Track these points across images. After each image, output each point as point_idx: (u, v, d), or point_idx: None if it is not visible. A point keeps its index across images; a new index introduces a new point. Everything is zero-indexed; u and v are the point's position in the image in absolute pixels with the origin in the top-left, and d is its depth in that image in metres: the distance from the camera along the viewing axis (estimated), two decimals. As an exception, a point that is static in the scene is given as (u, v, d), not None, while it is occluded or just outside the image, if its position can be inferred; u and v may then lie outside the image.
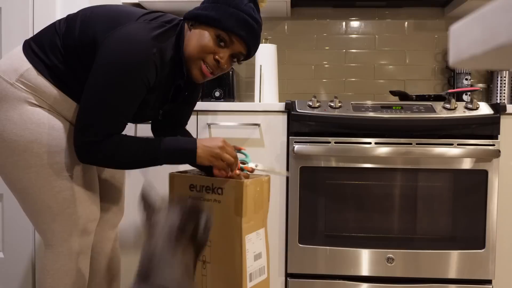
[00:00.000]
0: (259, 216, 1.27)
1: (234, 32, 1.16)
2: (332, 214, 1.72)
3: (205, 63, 1.19)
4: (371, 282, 1.71)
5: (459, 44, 0.43)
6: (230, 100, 2.12)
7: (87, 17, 1.16)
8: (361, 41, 2.38)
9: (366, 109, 1.72)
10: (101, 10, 1.18)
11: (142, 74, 1.10)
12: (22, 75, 1.12)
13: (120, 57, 1.09)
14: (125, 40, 1.09)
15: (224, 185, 1.24)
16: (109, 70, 1.09)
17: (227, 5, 1.16)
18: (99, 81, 1.09)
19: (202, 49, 1.17)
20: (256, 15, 1.19)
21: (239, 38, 1.17)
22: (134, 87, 1.11)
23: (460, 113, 1.69)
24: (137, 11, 1.20)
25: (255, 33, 1.20)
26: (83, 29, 1.14)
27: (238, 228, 1.21)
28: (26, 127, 1.12)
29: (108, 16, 1.15)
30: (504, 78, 2.13)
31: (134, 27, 1.12)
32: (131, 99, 1.12)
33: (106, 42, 1.10)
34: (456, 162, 1.67)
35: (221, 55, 1.18)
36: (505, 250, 1.72)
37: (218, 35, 1.16)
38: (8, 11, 1.80)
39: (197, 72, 1.20)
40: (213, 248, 1.27)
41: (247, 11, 1.17)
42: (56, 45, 1.14)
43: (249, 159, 1.27)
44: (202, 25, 1.17)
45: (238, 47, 1.19)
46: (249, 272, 1.23)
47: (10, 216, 1.84)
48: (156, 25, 1.16)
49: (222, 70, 1.22)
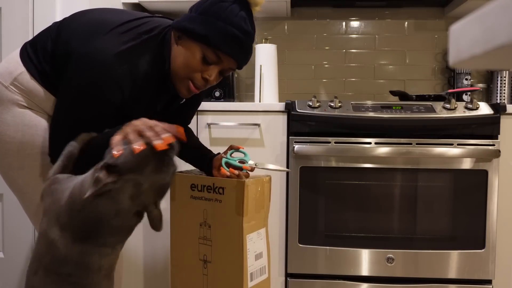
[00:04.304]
0: (260, 215, 1.27)
1: (222, 50, 1.09)
2: (332, 214, 1.72)
3: (192, 81, 1.13)
4: (371, 282, 1.71)
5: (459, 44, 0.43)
6: (230, 100, 2.12)
7: (69, 27, 1.14)
8: (361, 41, 2.38)
9: (366, 109, 1.73)
10: (80, 21, 1.14)
11: (103, 95, 1.06)
12: (16, 78, 1.14)
13: (81, 78, 1.05)
14: (87, 60, 1.05)
15: (225, 185, 1.24)
16: (71, 92, 1.07)
17: (216, 19, 1.08)
18: (64, 101, 1.08)
19: (189, 68, 1.11)
20: (247, 26, 1.12)
21: (227, 55, 1.11)
22: (96, 108, 1.07)
23: (460, 113, 1.69)
24: (115, 20, 1.12)
25: (245, 47, 1.13)
26: (64, 39, 1.12)
27: (239, 228, 1.21)
28: (18, 129, 1.14)
29: (82, 28, 1.11)
30: (504, 78, 2.13)
31: (99, 44, 1.06)
32: (95, 119, 1.08)
33: (72, 60, 1.07)
34: (456, 162, 1.68)
35: (209, 73, 1.13)
36: (505, 250, 1.72)
37: (206, 53, 1.10)
38: (8, 11, 1.80)
39: (184, 90, 1.15)
40: (214, 247, 1.27)
41: (237, 24, 1.09)
42: (47, 50, 1.14)
43: (248, 157, 1.27)
44: (189, 39, 1.10)
45: (227, 64, 1.13)
46: (250, 272, 1.23)
47: (10, 216, 1.84)
48: (129, 38, 1.08)
49: (211, 84, 1.17)
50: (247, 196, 1.20)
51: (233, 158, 1.27)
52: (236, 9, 1.10)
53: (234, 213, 1.22)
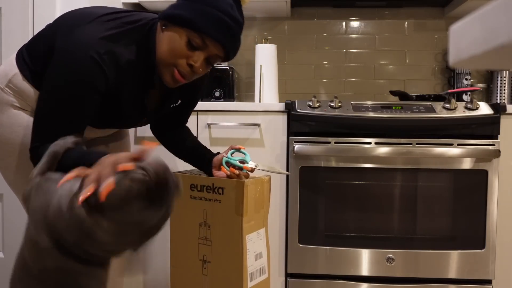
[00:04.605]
0: (259, 215, 1.27)
1: (207, 33, 1.06)
2: (332, 214, 1.72)
3: (177, 68, 1.09)
4: (371, 282, 1.71)
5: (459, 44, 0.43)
6: (230, 100, 2.12)
7: (56, 24, 1.14)
8: (361, 41, 2.38)
9: (366, 109, 1.72)
10: (66, 16, 1.14)
11: (87, 77, 1.03)
12: (11, 80, 1.14)
13: (63, 63, 1.03)
14: (71, 47, 1.03)
15: (225, 185, 1.24)
16: (56, 79, 1.04)
17: (202, 3, 1.06)
18: (46, 89, 1.06)
19: (173, 53, 1.08)
20: (235, 13, 1.09)
21: (214, 40, 1.07)
22: (81, 92, 1.04)
23: (460, 113, 1.69)
24: (100, 11, 1.11)
25: (232, 33, 1.09)
26: (52, 35, 1.11)
27: (238, 228, 1.21)
28: (13, 130, 1.15)
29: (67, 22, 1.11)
30: (504, 78, 2.13)
31: (82, 30, 1.05)
32: (80, 106, 1.05)
33: (56, 50, 1.05)
34: (456, 162, 1.68)
35: (194, 59, 1.09)
36: (505, 250, 1.72)
37: (191, 37, 1.07)
38: (8, 11, 1.80)
39: (169, 77, 1.11)
40: (214, 247, 1.27)
41: (224, 8, 1.06)
42: (40, 50, 1.13)
43: (249, 158, 1.27)
44: (174, 26, 1.08)
45: (214, 50, 1.09)
46: (249, 272, 1.23)
47: (10, 216, 1.84)
48: (113, 26, 1.07)
49: (197, 75, 1.13)
50: (247, 196, 1.20)
51: (233, 158, 1.27)
52: None
53: (234, 213, 1.22)
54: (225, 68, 2.13)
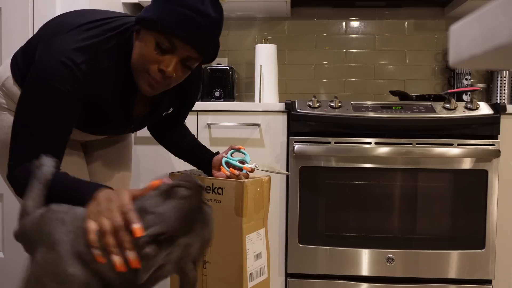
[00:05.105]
0: (259, 216, 1.27)
1: (173, 33, 0.97)
2: (332, 214, 1.72)
3: (150, 74, 1.03)
4: (371, 282, 1.71)
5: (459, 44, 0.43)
6: (230, 100, 2.12)
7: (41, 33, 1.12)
8: (361, 41, 2.38)
9: (366, 109, 1.72)
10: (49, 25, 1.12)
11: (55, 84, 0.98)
12: (3, 83, 1.16)
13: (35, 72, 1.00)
14: (44, 54, 1.00)
15: (224, 185, 1.24)
16: (25, 90, 1.01)
17: (168, 2, 0.98)
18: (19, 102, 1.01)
19: (143, 59, 1.01)
20: (206, 8, 0.99)
21: (181, 41, 0.99)
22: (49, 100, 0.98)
23: (460, 113, 1.69)
24: (81, 20, 1.07)
25: (202, 30, 0.99)
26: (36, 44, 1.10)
27: (238, 228, 1.21)
28: (3, 132, 1.16)
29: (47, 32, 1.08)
30: (504, 78, 2.13)
31: (58, 40, 1.02)
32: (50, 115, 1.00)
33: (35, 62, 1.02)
34: (456, 162, 1.68)
35: (166, 63, 1.01)
36: (505, 250, 1.72)
37: (158, 40, 0.99)
38: (8, 11, 1.80)
39: (145, 86, 1.05)
40: (213, 248, 1.27)
41: (191, 5, 0.97)
42: (30, 55, 1.12)
43: (248, 158, 1.27)
44: (144, 30, 1.01)
45: (184, 51, 1.01)
46: (249, 272, 1.23)
47: (10, 216, 1.84)
48: (92, 35, 1.03)
49: (175, 80, 1.06)
50: (247, 196, 1.20)
51: (233, 158, 1.27)
52: None
53: (234, 214, 1.22)
54: (225, 68, 2.13)
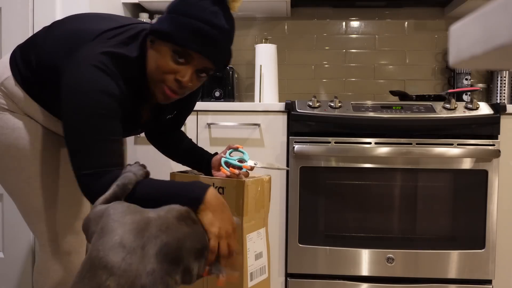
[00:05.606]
0: (260, 215, 1.27)
1: (188, 47, 1.01)
2: (332, 214, 1.72)
3: (166, 84, 1.06)
4: (371, 282, 1.71)
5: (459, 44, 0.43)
6: (230, 100, 2.12)
7: (51, 39, 1.12)
8: (361, 41, 2.38)
9: (366, 109, 1.72)
10: (61, 31, 1.12)
11: (106, 94, 1.00)
12: (2, 83, 1.15)
13: (81, 87, 0.99)
14: (80, 69, 1.01)
15: (225, 185, 1.24)
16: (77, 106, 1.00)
17: (182, 15, 1.01)
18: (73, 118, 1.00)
19: (160, 70, 1.04)
20: (219, 20, 1.03)
21: (197, 53, 1.02)
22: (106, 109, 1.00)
23: (460, 113, 1.69)
24: (97, 28, 1.09)
25: (217, 42, 1.03)
26: (47, 52, 1.10)
27: (239, 227, 1.21)
28: (2, 132, 1.15)
29: (65, 40, 1.09)
30: (504, 78, 2.13)
31: (87, 51, 1.03)
32: (109, 122, 1.02)
33: (66, 76, 1.02)
34: (456, 162, 1.68)
35: (182, 74, 1.04)
36: (505, 250, 1.72)
37: (174, 51, 1.02)
38: (8, 11, 1.80)
39: (160, 95, 1.08)
40: (214, 248, 1.27)
41: (205, 18, 1.01)
42: (31, 57, 1.13)
43: (247, 157, 1.27)
44: (159, 41, 1.04)
45: (200, 62, 1.04)
46: (250, 272, 1.23)
47: (10, 216, 1.84)
48: (114, 43, 1.05)
49: (189, 89, 1.09)
50: (247, 195, 1.20)
51: (232, 158, 1.27)
52: (207, 4, 1.03)
53: (234, 213, 1.22)
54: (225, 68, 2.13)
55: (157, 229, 0.85)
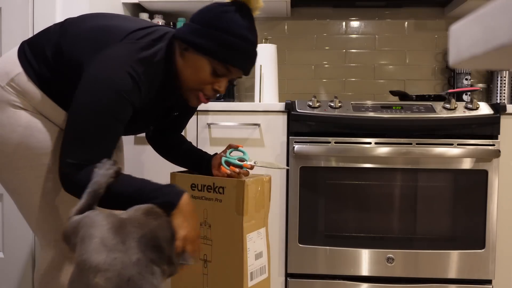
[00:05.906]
0: (260, 215, 1.28)
1: (232, 64, 1.11)
2: (332, 214, 1.72)
3: (203, 92, 1.15)
4: (371, 282, 1.71)
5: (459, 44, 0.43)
6: (230, 100, 2.13)
7: (75, 34, 1.12)
8: (361, 41, 2.38)
9: (366, 109, 1.73)
10: (88, 27, 1.13)
11: (125, 99, 1.04)
12: (13, 79, 1.12)
13: (104, 82, 1.03)
14: (108, 65, 1.04)
15: (225, 184, 1.24)
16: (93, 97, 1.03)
17: (220, 31, 1.08)
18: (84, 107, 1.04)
19: (199, 81, 1.13)
20: (252, 35, 1.12)
21: (236, 68, 1.12)
22: (118, 112, 1.04)
23: (460, 113, 1.69)
24: (125, 27, 1.12)
25: (251, 55, 1.14)
26: (68, 46, 1.11)
27: (239, 227, 1.21)
28: (13, 130, 1.13)
29: (92, 35, 1.10)
30: (504, 78, 2.13)
31: (118, 50, 1.06)
32: (115, 123, 1.06)
33: (91, 67, 1.05)
34: (456, 162, 1.68)
35: (220, 85, 1.15)
36: (505, 250, 1.72)
37: (215, 66, 1.11)
38: (8, 11, 1.80)
39: (194, 100, 1.18)
40: (214, 247, 1.27)
41: (241, 34, 1.09)
42: (46, 54, 1.12)
43: (247, 156, 1.27)
44: (196, 53, 1.11)
45: (236, 74, 1.15)
46: (250, 271, 1.23)
47: (10, 216, 1.84)
48: (144, 45, 1.09)
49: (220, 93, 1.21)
50: (247, 195, 1.21)
51: (232, 157, 1.27)
52: (239, 19, 1.10)
53: (234, 213, 1.22)
54: (225, 68, 2.13)
55: (131, 226, 0.93)
